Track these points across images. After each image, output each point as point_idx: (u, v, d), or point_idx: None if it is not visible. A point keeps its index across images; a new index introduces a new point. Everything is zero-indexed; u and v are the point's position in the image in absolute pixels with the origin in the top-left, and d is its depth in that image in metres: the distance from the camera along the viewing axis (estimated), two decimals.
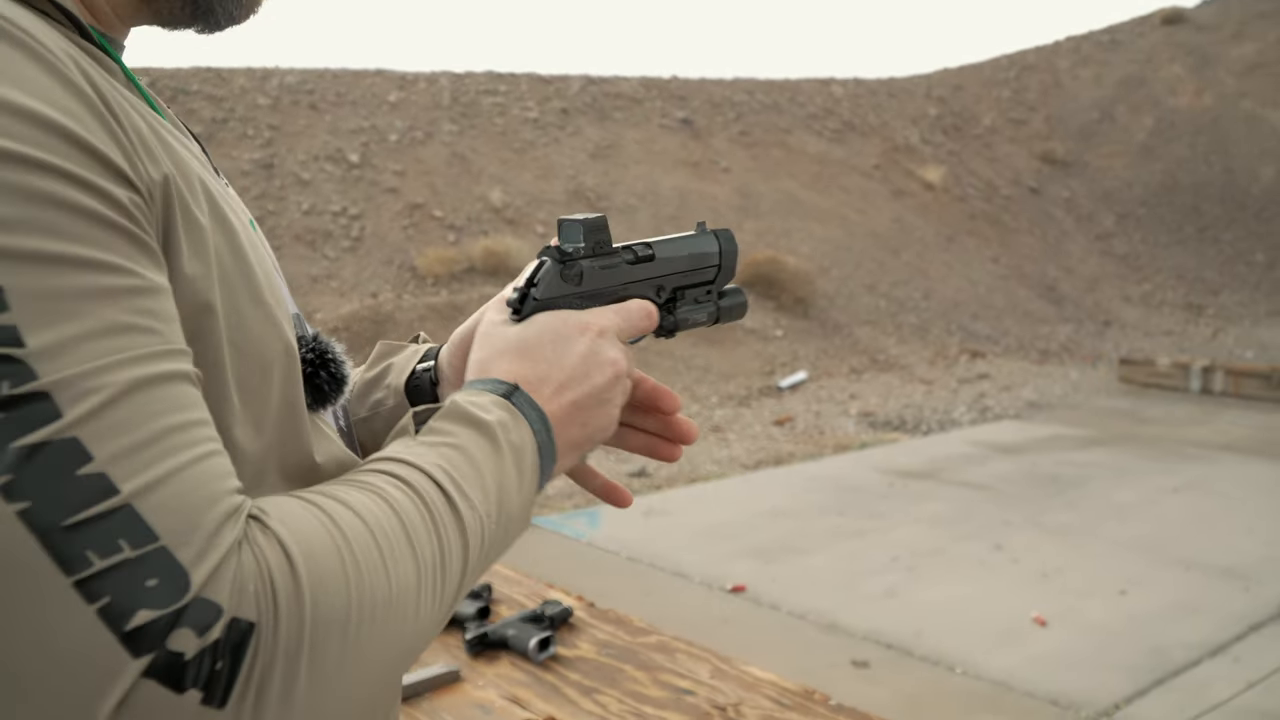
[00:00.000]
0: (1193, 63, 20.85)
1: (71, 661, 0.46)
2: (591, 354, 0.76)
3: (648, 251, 0.86)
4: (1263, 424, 8.51)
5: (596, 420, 0.76)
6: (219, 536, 0.50)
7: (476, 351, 0.78)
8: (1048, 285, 15.13)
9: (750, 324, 11.58)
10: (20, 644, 0.46)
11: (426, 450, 0.64)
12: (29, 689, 0.47)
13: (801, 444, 8.23)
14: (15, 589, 0.46)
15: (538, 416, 0.71)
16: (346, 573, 0.54)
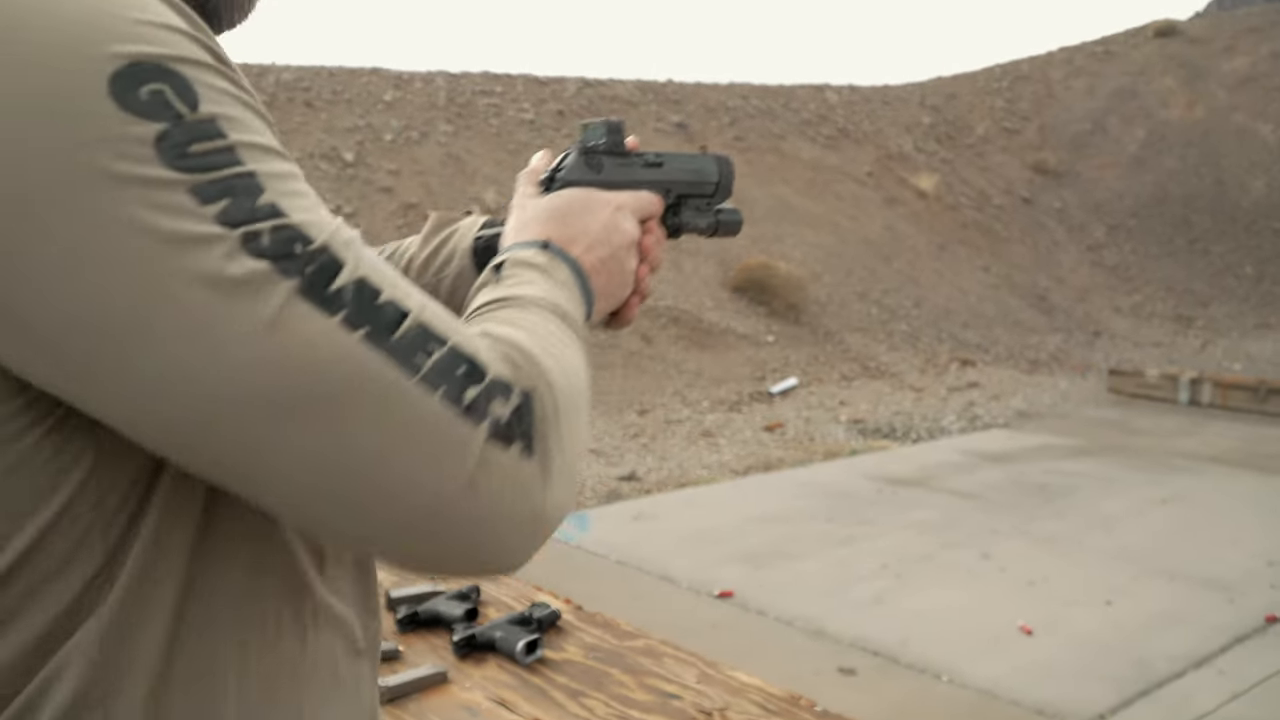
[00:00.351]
0: (1185, 75, 20.95)
1: (435, 442, 0.57)
2: (612, 221, 0.90)
3: (657, 160, 1.00)
4: (1250, 436, 8.56)
5: (618, 276, 0.90)
6: (475, 335, 0.63)
7: (513, 219, 0.91)
8: (1038, 295, 15.18)
9: (742, 329, 11.60)
10: (392, 440, 0.55)
11: (524, 287, 0.77)
12: (401, 479, 0.56)
13: (792, 450, 8.25)
14: (378, 396, 0.55)
15: (572, 263, 0.84)
16: (553, 355, 0.68)
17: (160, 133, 0.52)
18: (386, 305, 0.57)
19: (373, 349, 0.55)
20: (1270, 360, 12.57)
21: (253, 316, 0.52)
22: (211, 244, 0.52)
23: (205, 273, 0.51)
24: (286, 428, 0.53)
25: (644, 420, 9.35)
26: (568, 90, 15.73)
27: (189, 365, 0.52)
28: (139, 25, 0.53)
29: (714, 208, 1.07)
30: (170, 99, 0.53)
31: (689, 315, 11.46)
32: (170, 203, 0.51)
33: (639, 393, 10.08)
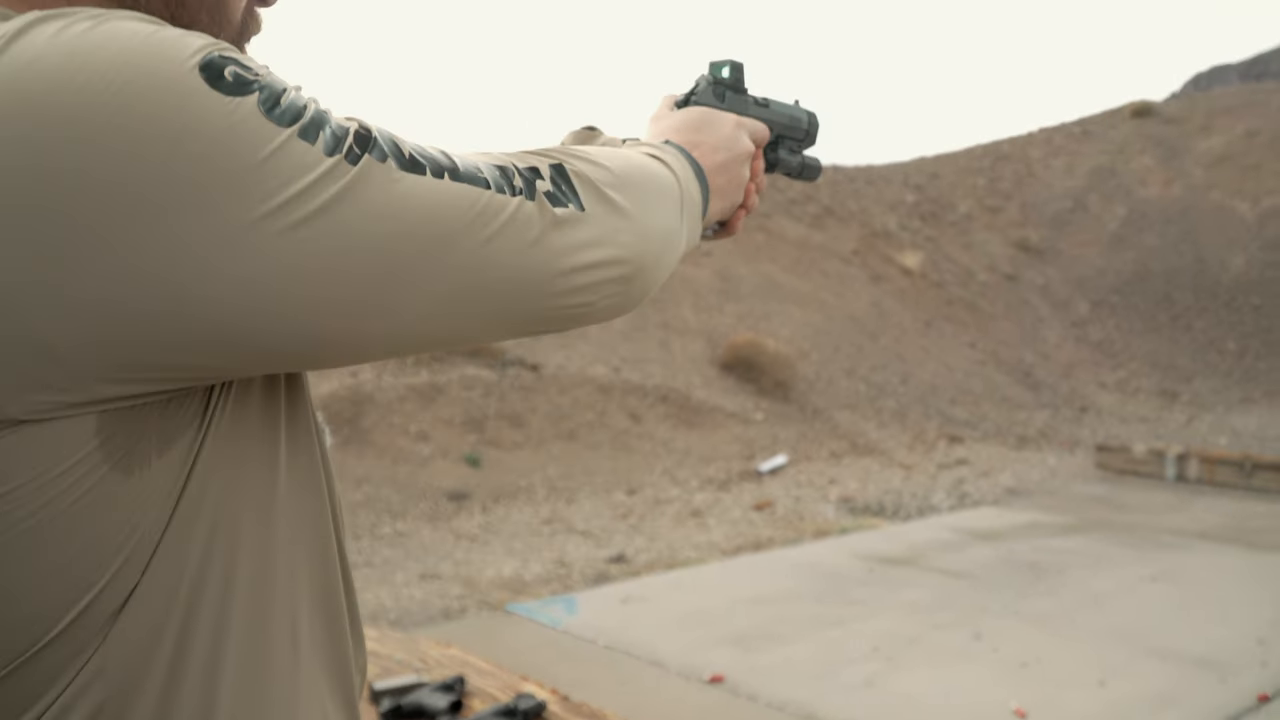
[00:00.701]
0: (1162, 154, 21.34)
1: (517, 223, 0.71)
2: (733, 134, 1.07)
3: (764, 101, 1.18)
4: (1236, 512, 8.56)
5: (735, 180, 1.07)
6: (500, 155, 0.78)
7: (649, 130, 1.08)
8: (1024, 371, 15.27)
9: (730, 407, 11.62)
10: (496, 235, 0.70)
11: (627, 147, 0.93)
12: (505, 255, 0.70)
13: (781, 529, 8.22)
14: (480, 210, 0.69)
15: (692, 160, 0.99)
16: (596, 152, 0.83)
17: (258, 100, 0.61)
18: (438, 156, 0.70)
19: (459, 184, 0.69)
20: (1255, 435, 12.62)
21: (381, 193, 0.64)
22: (336, 170, 0.63)
23: (339, 194, 0.63)
24: (436, 267, 0.67)
25: (633, 500, 9.32)
26: None
27: (374, 232, 0.64)
28: (183, 37, 0.63)
29: (802, 151, 1.25)
30: (243, 74, 0.62)
31: (678, 393, 11.48)
32: (294, 156, 0.62)
33: (628, 472, 10.06)
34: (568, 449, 10.40)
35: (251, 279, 0.61)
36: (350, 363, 0.71)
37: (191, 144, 0.59)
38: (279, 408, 0.75)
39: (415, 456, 9.77)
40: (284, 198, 0.61)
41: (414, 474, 9.53)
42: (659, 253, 0.84)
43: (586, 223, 0.76)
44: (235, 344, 0.63)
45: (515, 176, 0.73)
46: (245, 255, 0.61)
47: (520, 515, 8.96)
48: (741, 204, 1.11)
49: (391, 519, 8.66)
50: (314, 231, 0.62)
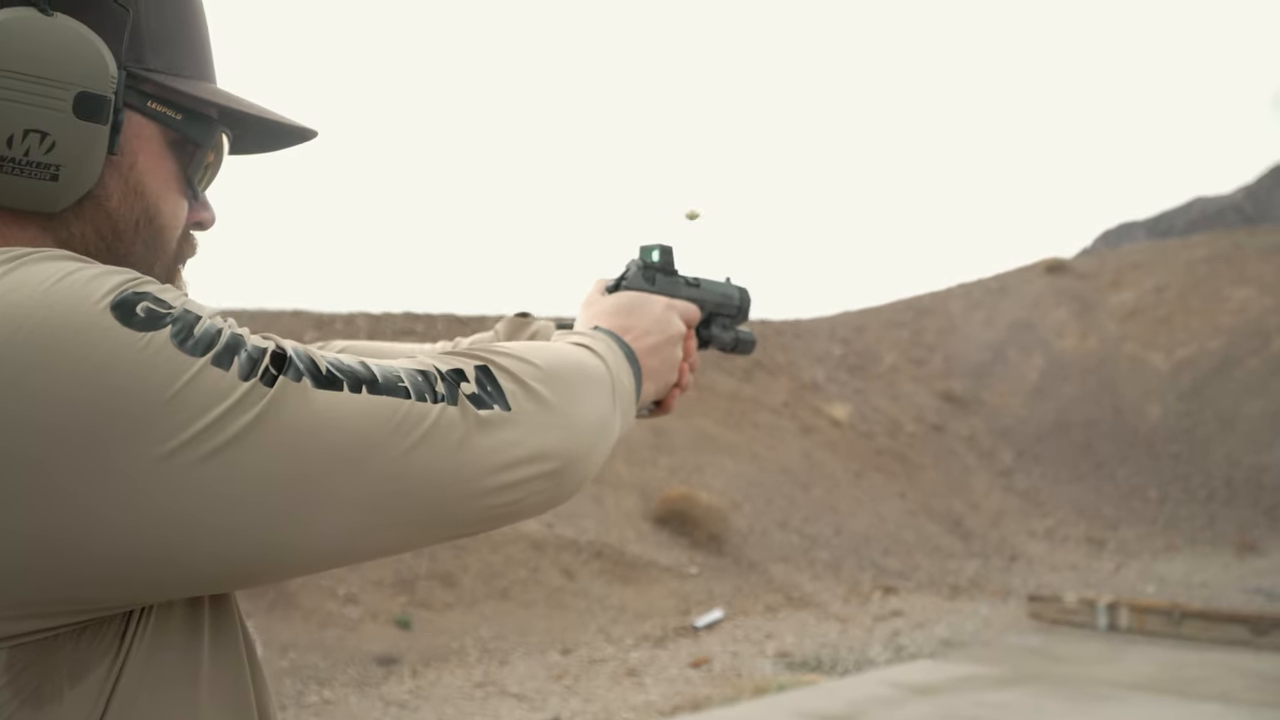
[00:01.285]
0: (1076, 308, 22.17)
1: (439, 430, 0.72)
2: (663, 317, 1.11)
3: (695, 281, 1.22)
4: (1168, 661, 8.63)
5: (668, 360, 1.10)
6: (423, 361, 0.79)
7: (581, 315, 1.12)
8: (954, 520, 15.43)
9: (665, 561, 11.54)
10: (419, 445, 0.71)
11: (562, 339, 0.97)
12: (428, 467, 0.72)
13: (719, 687, 8.08)
14: (400, 423, 0.70)
15: (620, 341, 1.02)
16: (526, 347, 0.85)
17: (171, 333, 0.63)
18: (354, 366, 0.71)
19: (379, 396, 0.70)
20: (1180, 582, 12.81)
21: (298, 412, 0.66)
22: (251, 394, 0.64)
23: (256, 419, 0.64)
24: (358, 481, 0.68)
25: (567, 660, 9.13)
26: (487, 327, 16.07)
27: (268, 475, 0.64)
28: (99, 277, 0.65)
29: (735, 327, 1.29)
30: (154, 308, 0.64)
31: (611, 549, 11.39)
32: (207, 386, 0.63)
33: (561, 631, 9.87)
34: (500, 608, 10.20)
35: (167, 511, 0.61)
36: (276, 581, 0.72)
37: (104, 381, 0.60)
38: (202, 624, 0.74)
39: (343, 620, 9.50)
40: (199, 427, 0.62)
41: (342, 638, 9.25)
42: (590, 444, 0.85)
43: (512, 422, 0.76)
44: (148, 575, 0.63)
45: (437, 382, 0.74)
46: (159, 488, 0.61)
47: (452, 679, 8.71)
48: (676, 383, 1.13)
49: (318, 686, 8.35)
50: (231, 458, 0.63)
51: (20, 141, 0.71)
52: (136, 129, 0.79)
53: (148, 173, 0.80)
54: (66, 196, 0.74)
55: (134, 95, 0.78)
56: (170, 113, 0.81)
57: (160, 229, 0.82)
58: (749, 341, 1.31)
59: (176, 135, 0.82)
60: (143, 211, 0.80)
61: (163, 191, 0.82)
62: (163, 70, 0.80)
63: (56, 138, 0.72)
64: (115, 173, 0.78)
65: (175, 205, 0.83)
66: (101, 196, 0.77)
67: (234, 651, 0.77)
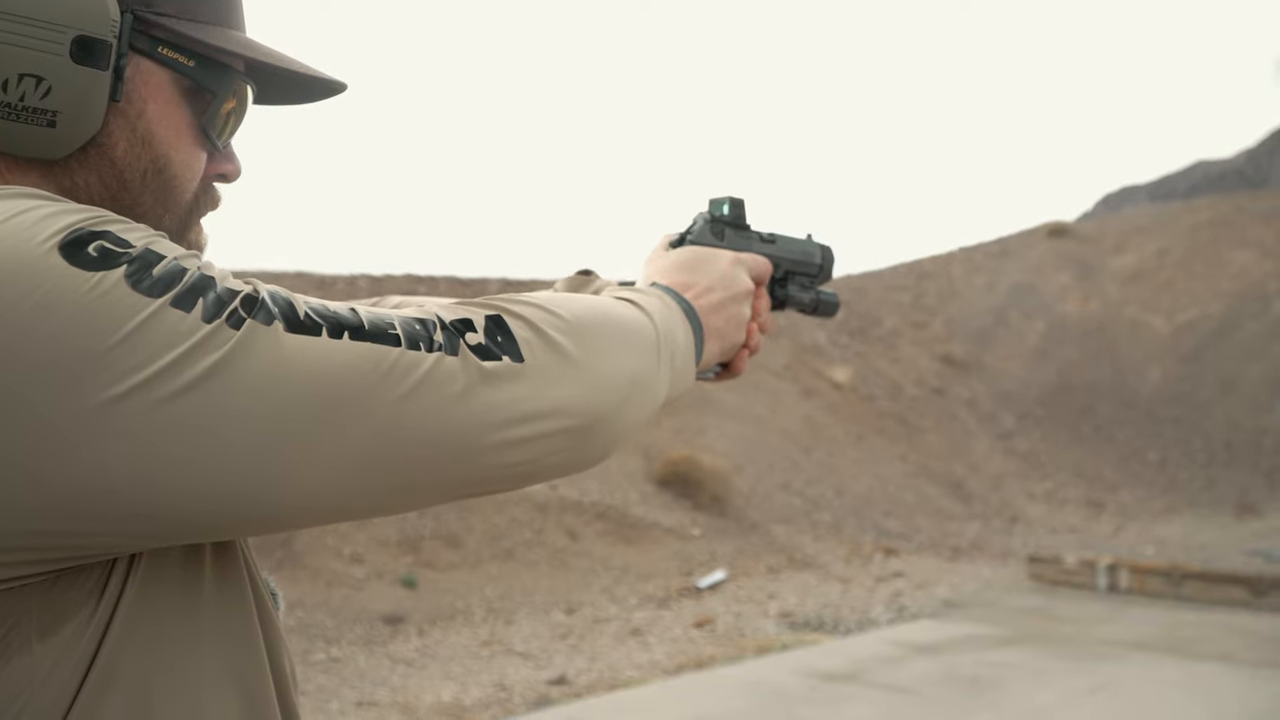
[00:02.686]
0: (1078, 271, 22.15)
1: (436, 381, 0.69)
2: (729, 272, 1.03)
3: (771, 237, 1.14)
4: (1168, 621, 8.70)
5: (733, 320, 1.03)
6: (426, 308, 0.74)
7: (643, 271, 1.06)
8: (955, 483, 15.50)
9: (667, 523, 11.60)
10: (413, 396, 0.67)
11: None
12: (425, 418, 0.68)
13: (722, 646, 8.16)
14: (387, 372, 0.67)
15: (679, 297, 0.96)
16: (553, 299, 0.80)
17: (125, 274, 0.61)
18: (340, 311, 0.68)
19: (362, 343, 0.66)
20: (1179, 543, 12.89)
21: (267, 357, 0.63)
22: (214, 337, 0.61)
23: (219, 362, 0.61)
24: (338, 432, 0.65)
25: (572, 620, 9.20)
26: (490, 290, 16.07)
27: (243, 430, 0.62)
28: (52, 216, 0.63)
29: (816, 287, 1.20)
30: (110, 248, 0.62)
31: (615, 510, 11.45)
32: (164, 328, 0.61)
33: (566, 591, 9.94)
34: (505, 568, 10.27)
35: (121, 454, 0.59)
36: (259, 533, 0.69)
37: (45, 323, 0.58)
38: (200, 576, 0.71)
39: (349, 579, 9.57)
40: (154, 369, 0.59)
41: (348, 597, 9.32)
42: (619, 402, 0.78)
43: (524, 375, 0.72)
44: (103, 524, 0.61)
45: (436, 330, 0.70)
46: (106, 432, 0.58)
47: (458, 637, 8.78)
48: (744, 344, 1.06)
49: (325, 644, 8.43)
50: (192, 402, 0.60)
51: (15, 86, 0.68)
52: (146, 75, 0.76)
53: (158, 121, 0.77)
54: (66, 143, 0.72)
55: (143, 40, 0.75)
56: (182, 59, 0.77)
57: (171, 179, 0.78)
58: (831, 303, 1.21)
59: (191, 83, 0.78)
60: (151, 161, 0.77)
61: (174, 141, 0.78)
62: (175, 15, 0.76)
63: (53, 82, 0.69)
64: (121, 120, 0.75)
65: (189, 156, 0.80)
66: (106, 144, 0.75)
67: (240, 606, 0.75)
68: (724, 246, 1.07)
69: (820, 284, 1.21)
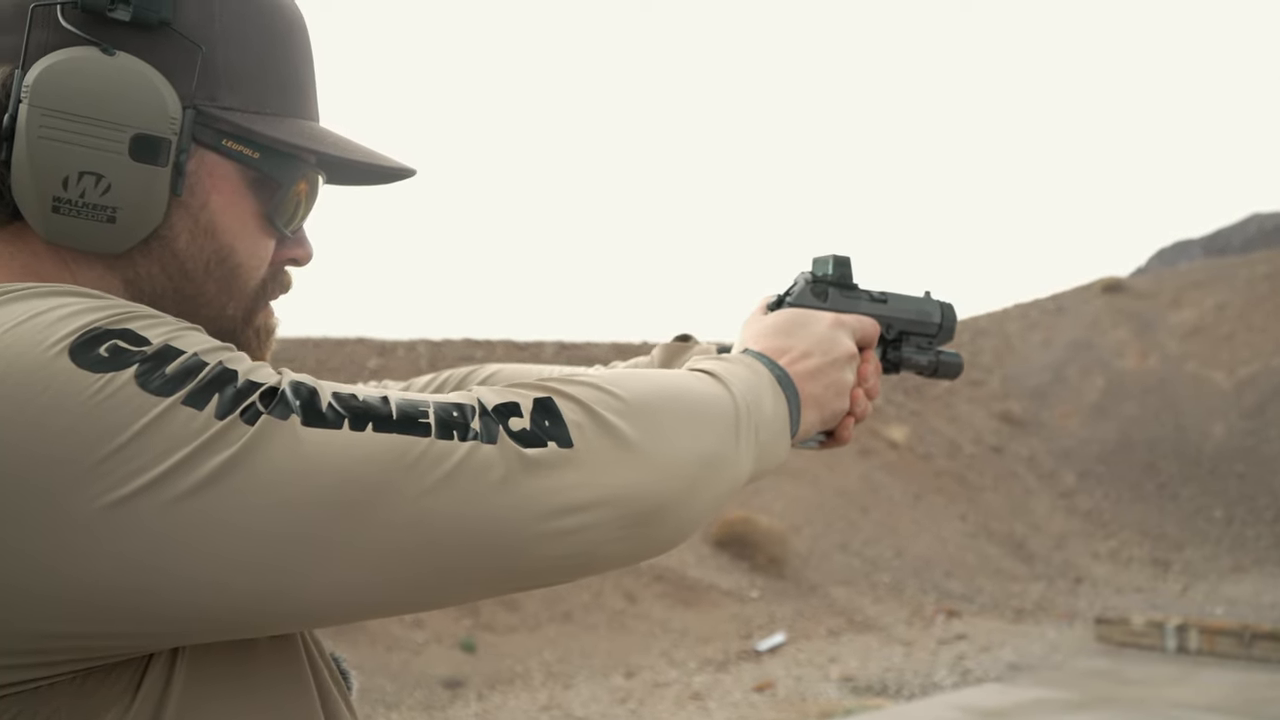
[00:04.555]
0: (1135, 327, 21.90)
1: (470, 471, 0.67)
2: (828, 335, 0.98)
3: (882, 296, 1.07)
4: (1240, 683, 8.49)
5: (834, 384, 0.97)
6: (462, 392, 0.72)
7: (740, 335, 1.01)
8: (1016, 543, 15.27)
9: (725, 585, 11.55)
10: (441, 491, 0.65)
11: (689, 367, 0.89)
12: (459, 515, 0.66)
13: (784, 711, 8.09)
14: (412, 467, 0.65)
15: (771, 364, 0.92)
16: (610, 377, 0.77)
17: (135, 374, 0.60)
18: (368, 399, 0.66)
19: (387, 434, 0.64)
20: (1249, 603, 12.58)
21: (283, 453, 0.61)
22: (227, 434, 0.61)
23: (231, 460, 0.60)
24: (361, 528, 0.63)
25: (631, 683, 9.17)
26: (545, 353, 16.25)
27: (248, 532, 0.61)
28: (70, 316, 0.63)
29: (935, 348, 1.13)
30: (125, 347, 0.62)
31: (672, 572, 11.43)
32: (174, 428, 0.60)
33: (625, 654, 9.92)
34: (563, 631, 10.27)
35: (130, 556, 0.58)
36: (285, 630, 0.68)
37: (52, 424, 0.58)
38: (252, 667, 0.70)
39: (409, 643, 9.63)
40: (162, 469, 0.59)
41: (408, 662, 9.38)
42: (688, 486, 0.75)
43: (573, 462, 0.69)
44: (119, 623, 0.60)
45: (474, 417, 0.67)
46: (119, 532, 0.58)
47: (517, 702, 8.79)
48: (848, 411, 1.00)
49: (385, 710, 8.48)
50: (204, 501, 0.59)
51: (76, 183, 0.70)
52: (211, 167, 0.77)
53: (222, 212, 0.77)
54: (127, 238, 0.73)
55: (208, 133, 0.76)
56: (247, 151, 0.77)
57: (236, 268, 0.79)
58: (954, 364, 1.14)
59: (257, 174, 0.79)
60: (215, 251, 0.77)
61: (239, 231, 0.79)
62: (240, 108, 0.77)
63: (112, 180, 0.71)
64: (184, 212, 0.76)
65: (254, 244, 0.80)
66: (169, 237, 0.75)
67: (298, 694, 0.73)
68: (828, 308, 1.01)
69: (940, 344, 1.14)
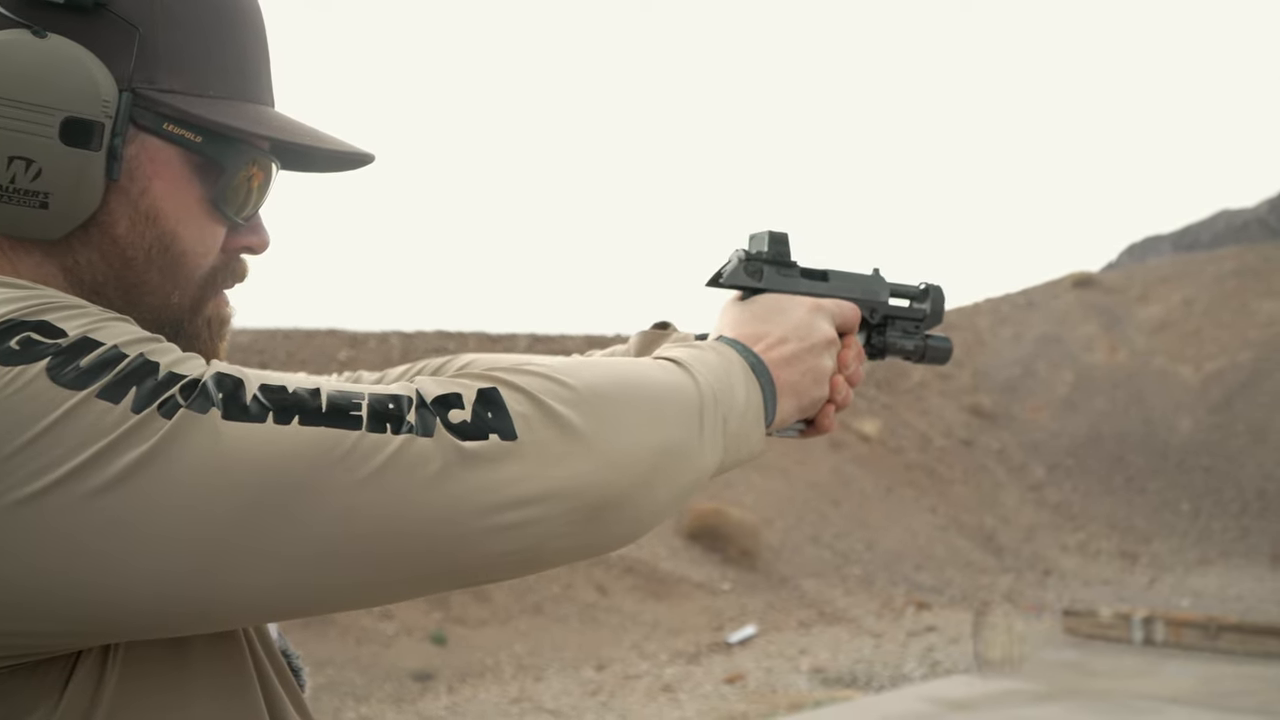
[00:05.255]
0: (1105, 322, 22.09)
1: (405, 465, 0.63)
2: (805, 321, 0.93)
3: (823, 273, 0.99)
4: (1205, 674, 8.58)
5: (810, 374, 0.92)
6: (399, 383, 0.68)
7: (716, 322, 0.96)
8: (986, 535, 15.38)
9: (697, 578, 11.57)
10: (374, 485, 0.62)
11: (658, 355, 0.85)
12: (396, 508, 0.63)
13: (754, 703, 8.11)
14: (342, 460, 0.62)
15: (744, 350, 0.88)
16: (563, 365, 0.73)
17: (46, 367, 0.58)
18: (297, 391, 0.63)
19: (314, 427, 0.62)
20: (1215, 595, 12.73)
21: (201, 446, 0.59)
22: (143, 428, 0.58)
23: (144, 456, 0.58)
24: (285, 525, 0.60)
25: (602, 676, 9.17)
26: (519, 346, 16.20)
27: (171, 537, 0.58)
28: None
29: (922, 332, 1.06)
30: (38, 339, 0.60)
31: (644, 565, 11.43)
32: (88, 422, 0.58)
33: (596, 646, 9.91)
34: (534, 624, 10.26)
35: (45, 553, 0.57)
36: (212, 630, 0.66)
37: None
38: (189, 666, 0.68)
39: (379, 636, 9.59)
40: (74, 464, 0.57)
41: (378, 654, 9.33)
42: (644, 477, 0.73)
43: (516, 454, 0.66)
44: (36, 621, 0.59)
45: (410, 409, 0.65)
46: (32, 529, 0.57)
47: (488, 695, 8.77)
48: (828, 398, 0.95)
49: (355, 703, 8.44)
50: (119, 497, 0.57)
51: (6, 169, 0.68)
52: (152, 152, 0.74)
53: (164, 198, 0.74)
54: (61, 224, 0.71)
55: (148, 117, 0.73)
56: (189, 135, 0.74)
57: (180, 255, 0.75)
58: (942, 349, 1.07)
59: (200, 158, 0.76)
60: (156, 239, 0.74)
61: (182, 217, 0.75)
62: (182, 90, 0.74)
63: (43, 164, 0.69)
64: (123, 198, 0.73)
65: (201, 231, 0.77)
66: (107, 223, 0.73)
67: (240, 693, 0.70)
68: (763, 288, 0.96)
69: (929, 328, 1.07)
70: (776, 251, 0.97)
